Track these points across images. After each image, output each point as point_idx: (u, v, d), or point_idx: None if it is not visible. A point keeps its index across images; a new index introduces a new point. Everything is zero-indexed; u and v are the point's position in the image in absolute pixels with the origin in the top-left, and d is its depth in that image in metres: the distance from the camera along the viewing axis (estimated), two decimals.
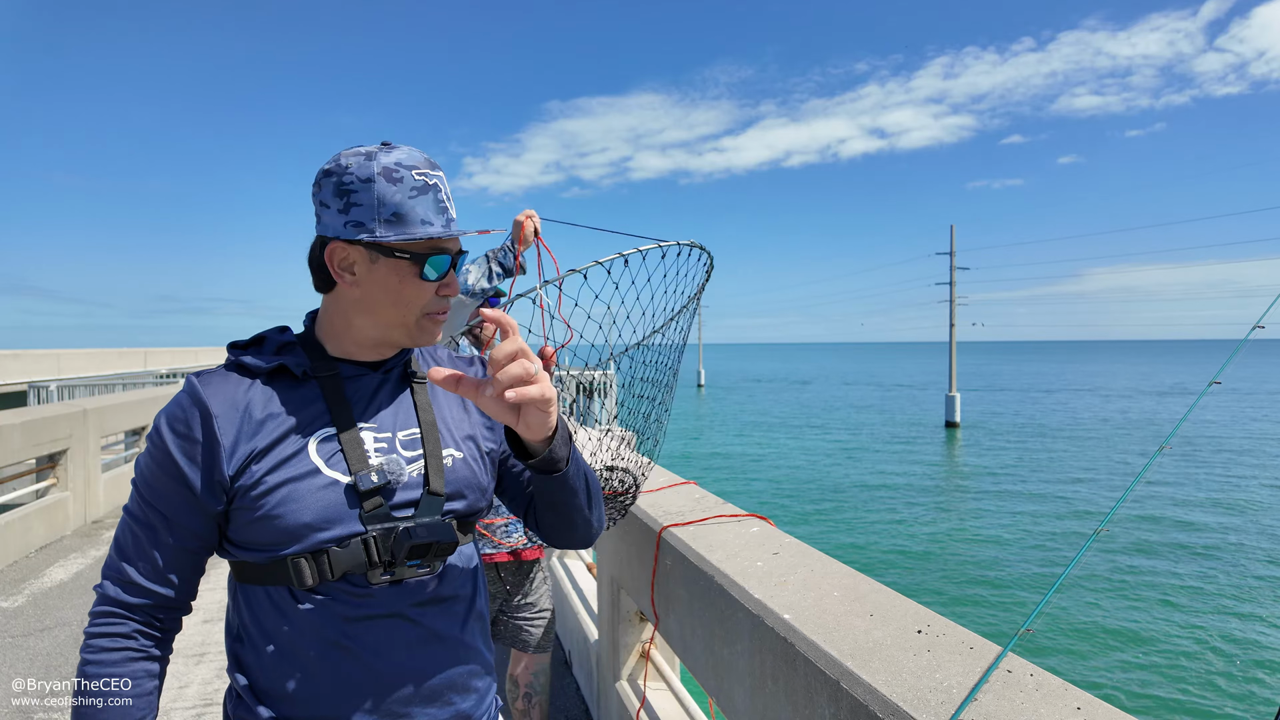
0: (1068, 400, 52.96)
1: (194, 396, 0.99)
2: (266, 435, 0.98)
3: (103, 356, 26.84)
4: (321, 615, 0.98)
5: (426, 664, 1.03)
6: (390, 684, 1.01)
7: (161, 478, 0.98)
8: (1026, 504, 19.70)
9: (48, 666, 3.66)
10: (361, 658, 0.99)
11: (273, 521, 0.96)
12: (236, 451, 0.97)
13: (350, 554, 0.98)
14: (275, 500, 0.96)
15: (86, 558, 5.58)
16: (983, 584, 13.38)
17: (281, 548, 0.97)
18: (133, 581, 0.99)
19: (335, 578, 0.98)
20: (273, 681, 1.00)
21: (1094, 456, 27.48)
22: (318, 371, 1.03)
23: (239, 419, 0.98)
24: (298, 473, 0.97)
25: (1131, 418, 40.77)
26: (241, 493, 0.97)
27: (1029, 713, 1.12)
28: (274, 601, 0.99)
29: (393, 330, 1.04)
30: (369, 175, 0.98)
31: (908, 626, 1.43)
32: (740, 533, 2.11)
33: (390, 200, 0.98)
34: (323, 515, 0.97)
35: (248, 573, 1.01)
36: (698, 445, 32.20)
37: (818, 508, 19.63)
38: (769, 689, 1.57)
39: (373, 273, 1.00)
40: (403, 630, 1.02)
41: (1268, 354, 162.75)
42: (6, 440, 5.60)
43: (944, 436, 34.09)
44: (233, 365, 1.03)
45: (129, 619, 0.99)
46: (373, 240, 0.98)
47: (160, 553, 0.99)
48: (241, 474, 0.97)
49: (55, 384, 11.59)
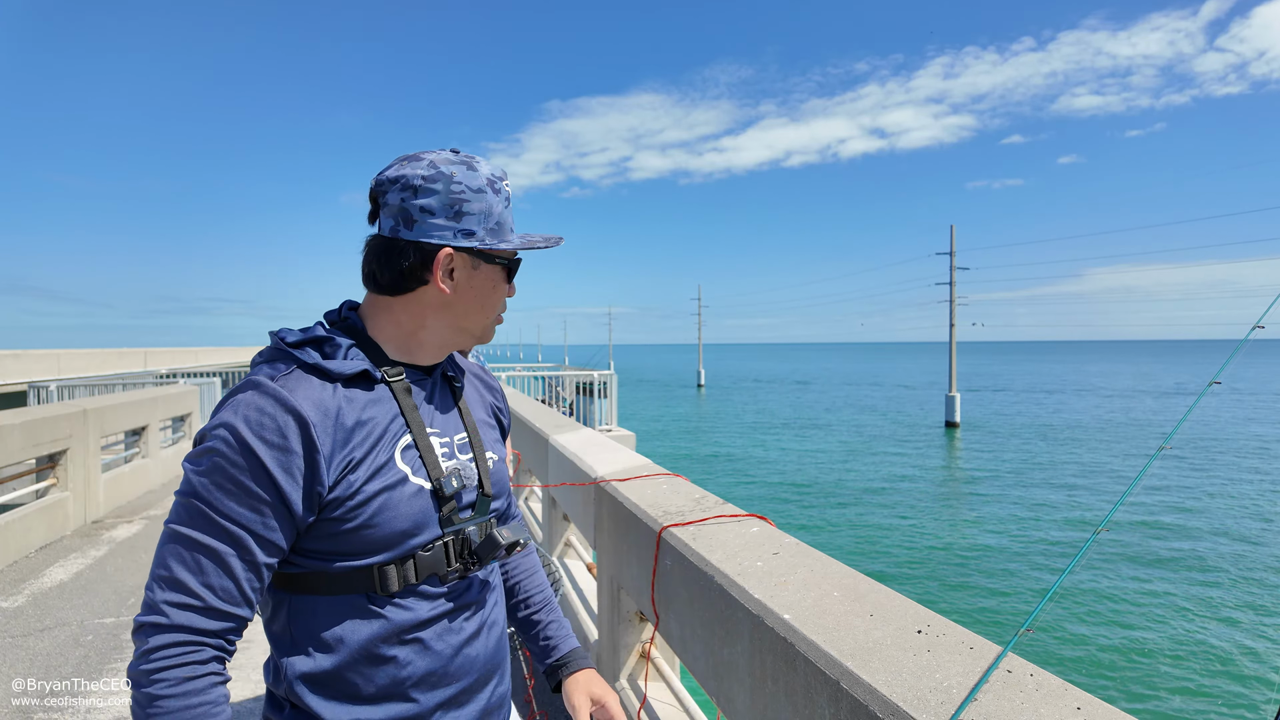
0: (1068, 400, 52.96)
1: (284, 403, 0.91)
2: (359, 444, 0.96)
3: (103, 356, 26.83)
4: (399, 616, 0.99)
5: (483, 650, 1.09)
6: (459, 673, 1.05)
7: (244, 491, 0.89)
8: (1026, 504, 19.69)
9: (48, 666, 3.66)
10: (436, 651, 1.02)
11: (367, 531, 0.95)
12: (333, 462, 0.93)
13: (433, 557, 1.01)
14: (372, 510, 0.95)
15: (86, 558, 5.58)
16: (983, 584, 13.38)
17: (370, 556, 0.96)
18: (211, 606, 0.89)
19: (419, 581, 1.00)
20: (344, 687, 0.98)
21: (1094, 457, 27.48)
22: (390, 376, 1.03)
23: (333, 427, 0.94)
24: (390, 481, 0.97)
25: (1132, 418, 40.77)
26: (336, 504, 0.94)
27: (1029, 713, 1.12)
28: (347, 609, 0.97)
29: (466, 333, 1.08)
30: (480, 185, 1.02)
31: (908, 626, 1.43)
32: (740, 533, 2.10)
33: (494, 211, 1.03)
34: (415, 522, 0.99)
35: (315, 583, 0.97)
36: (698, 445, 32.20)
37: (818, 508, 19.63)
38: (769, 689, 1.57)
39: (472, 278, 1.04)
40: (468, 621, 1.07)
41: (1268, 354, 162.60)
42: (6, 440, 5.60)
43: (944, 436, 34.09)
44: (310, 367, 0.97)
45: (205, 645, 0.90)
46: (484, 248, 1.03)
47: (239, 572, 0.90)
48: (338, 484, 0.94)
49: (55, 384, 11.58)
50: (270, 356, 0.99)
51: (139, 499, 7.73)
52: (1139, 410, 45.19)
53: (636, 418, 41.71)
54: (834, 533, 17.06)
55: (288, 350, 0.98)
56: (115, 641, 3.98)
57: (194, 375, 16.19)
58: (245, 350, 48.06)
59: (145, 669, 0.87)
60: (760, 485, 23.12)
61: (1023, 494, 21.00)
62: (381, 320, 1.05)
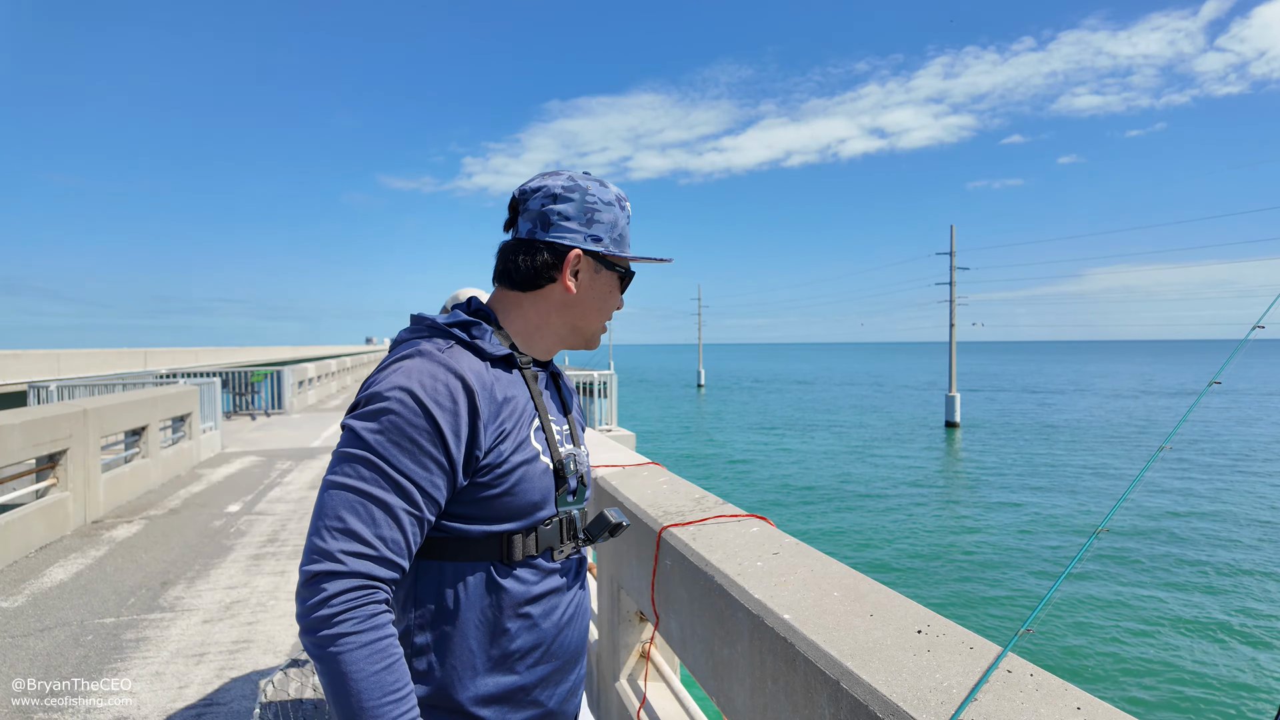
0: (1068, 400, 52.96)
1: (454, 371, 1.00)
2: (507, 418, 1.05)
3: (103, 356, 26.82)
4: (515, 588, 1.07)
5: (575, 631, 1.16)
6: (558, 652, 1.13)
7: (418, 448, 0.95)
8: (1027, 504, 19.70)
9: (48, 666, 3.66)
10: (542, 628, 1.10)
11: (507, 498, 1.04)
12: (489, 430, 1.02)
13: (551, 532, 1.10)
14: (514, 479, 1.04)
15: (86, 558, 5.58)
16: (983, 584, 13.38)
17: (504, 522, 1.05)
18: (383, 556, 0.93)
19: (538, 552, 1.09)
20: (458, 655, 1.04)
21: (1094, 456, 27.48)
22: (523, 364, 1.13)
23: (489, 398, 1.03)
24: (529, 456, 1.07)
25: (1132, 418, 40.77)
26: (487, 469, 1.02)
27: (1029, 713, 1.12)
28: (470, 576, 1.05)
29: (580, 333, 1.19)
30: (610, 200, 1.16)
31: (908, 626, 1.43)
32: (740, 533, 2.11)
33: (619, 224, 1.17)
34: (544, 496, 1.08)
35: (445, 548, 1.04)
36: (698, 445, 32.20)
37: (818, 508, 19.63)
38: (769, 689, 1.57)
39: (594, 281, 1.16)
40: (572, 601, 1.15)
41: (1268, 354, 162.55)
42: (6, 440, 5.60)
43: (944, 436, 34.09)
44: (467, 344, 1.07)
45: (380, 589, 0.93)
46: (607, 254, 1.16)
47: (406, 525, 0.96)
48: (491, 451, 1.02)
49: (55, 384, 11.58)
50: (425, 333, 1.09)
51: (139, 499, 7.73)
52: (1139, 410, 45.20)
53: (636, 418, 41.72)
54: (834, 533, 17.07)
55: (443, 329, 1.08)
56: (115, 641, 3.98)
57: (194, 375, 16.20)
58: (245, 350, 48.05)
59: (326, 614, 0.89)
60: (760, 485, 23.12)
61: (1023, 494, 21.00)
62: (511, 314, 1.16)
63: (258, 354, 48.38)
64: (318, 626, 0.89)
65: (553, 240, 1.12)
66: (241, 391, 17.76)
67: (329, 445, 11.81)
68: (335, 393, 25.26)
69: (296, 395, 19.02)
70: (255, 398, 17.96)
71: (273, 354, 50.58)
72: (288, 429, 14.24)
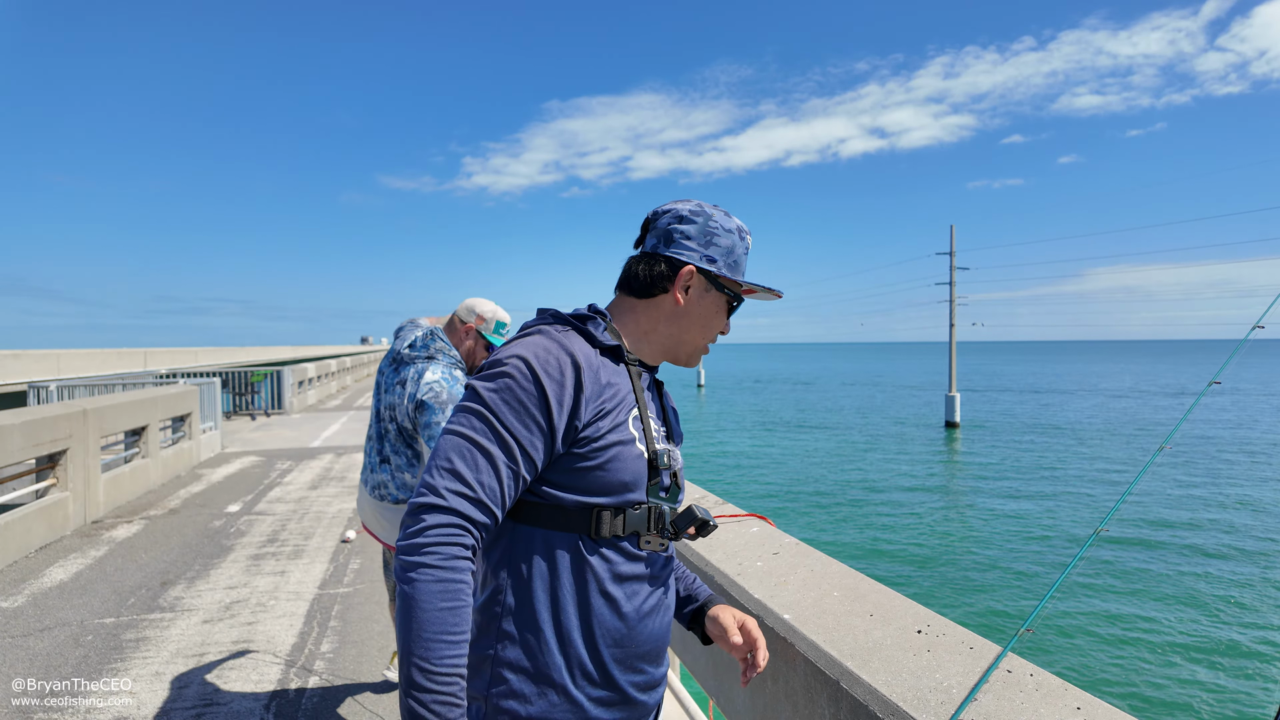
0: (1068, 400, 52.96)
1: (565, 348, 1.11)
2: (609, 399, 1.13)
3: (102, 356, 26.82)
4: (601, 566, 1.13)
5: (659, 625, 1.20)
6: (639, 639, 1.16)
7: (525, 410, 1.07)
8: (1026, 504, 19.70)
9: (48, 666, 3.66)
10: (625, 612, 1.14)
11: (600, 473, 1.11)
12: (590, 405, 1.10)
13: (640, 516, 1.15)
14: (608, 456, 1.11)
15: (86, 558, 5.58)
16: (983, 584, 13.38)
17: (597, 496, 1.12)
18: (479, 499, 1.04)
19: (625, 534, 1.14)
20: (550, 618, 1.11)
21: (1094, 456, 27.48)
22: (629, 359, 1.21)
23: (593, 377, 1.12)
24: (624, 438, 1.13)
25: (1132, 418, 40.77)
26: (585, 442, 1.10)
27: (1029, 713, 1.12)
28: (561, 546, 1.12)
29: (683, 346, 1.27)
30: (731, 229, 1.26)
31: (908, 626, 1.43)
32: (740, 533, 2.10)
33: (736, 252, 1.26)
34: (635, 478, 1.14)
35: (545, 515, 1.12)
36: (698, 445, 32.20)
37: (818, 508, 19.63)
38: (769, 689, 1.57)
39: (703, 298, 1.25)
40: (656, 592, 1.20)
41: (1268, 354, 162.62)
42: (6, 440, 5.60)
43: (944, 436, 34.09)
44: (580, 331, 1.18)
45: (470, 531, 1.03)
46: (718, 274, 1.24)
47: (504, 476, 1.06)
48: (589, 425, 1.10)
49: (55, 384, 11.58)
50: (549, 320, 1.21)
51: (139, 499, 7.73)
52: (1139, 410, 45.19)
53: None
54: (834, 533, 17.06)
55: (564, 317, 1.20)
56: (115, 641, 3.98)
57: (194, 375, 16.20)
58: (245, 350, 48.02)
59: (419, 542, 1.00)
60: (760, 485, 23.12)
61: (1023, 494, 21.00)
62: (625, 318, 1.26)
63: (258, 354, 48.36)
64: (409, 552, 1.00)
65: (671, 255, 1.24)
66: (241, 391, 17.76)
67: (329, 445, 11.81)
68: (335, 393, 25.25)
69: (296, 395, 19.01)
70: (255, 398, 17.96)
71: (273, 354, 50.56)
72: (288, 429, 14.24)
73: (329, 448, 11.51)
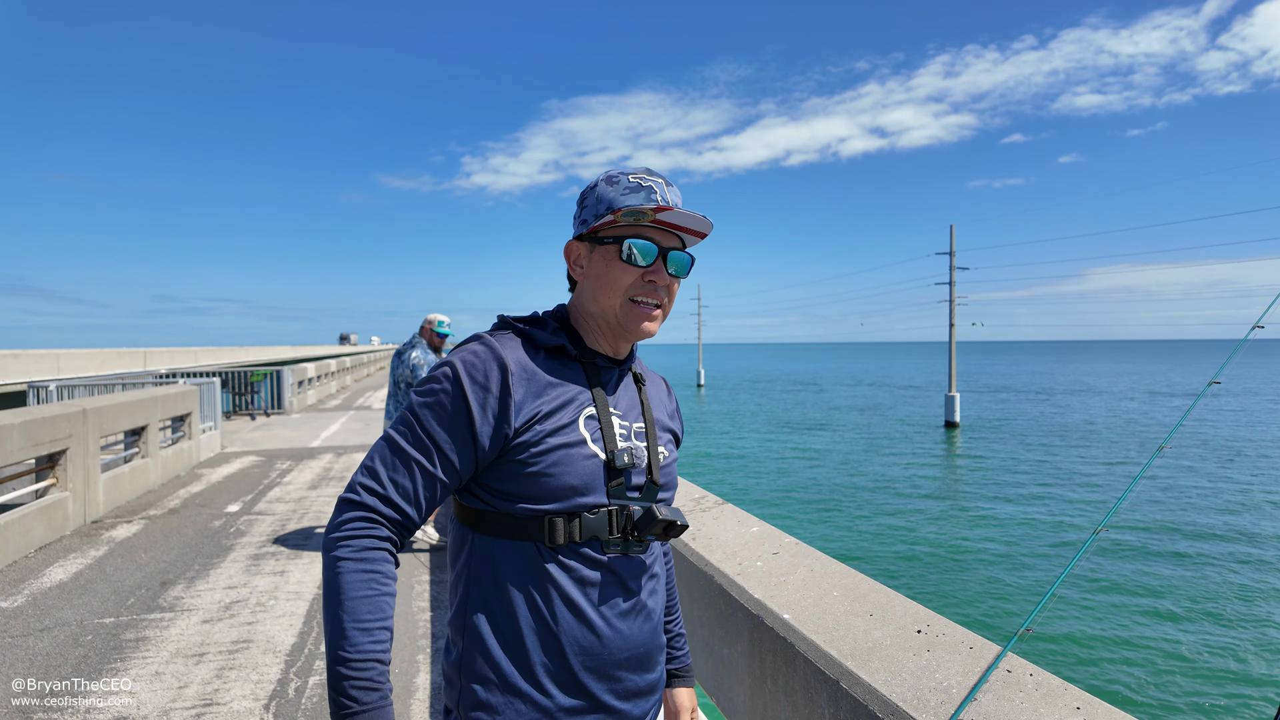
0: (1067, 400, 52.96)
1: (493, 352, 1.11)
2: (549, 401, 1.11)
3: (102, 356, 26.82)
4: (564, 572, 1.10)
5: (636, 633, 1.16)
6: (608, 645, 1.13)
7: (446, 415, 1.09)
8: (1026, 504, 19.70)
9: (47, 666, 3.66)
10: (591, 617, 1.11)
11: (543, 478, 1.09)
12: (524, 409, 1.09)
13: (597, 521, 1.11)
14: (550, 460, 1.09)
15: (86, 558, 5.58)
16: (983, 584, 13.38)
17: (543, 503, 1.10)
18: (388, 497, 1.08)
19: (582, 540, 1.11)
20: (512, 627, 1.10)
21: (1093, 457, 27.48)
22: (583, 356, 1.19)
23: (528, 381, 1.11)
24: (570, 440, 1.11)
25: (1132, 418, 40.77)
26: (521, 447, 1.09)
27: (1029, 713, 1.12)
28: (521, 554, 1.10)
29: (606, 315, 1.19)
30: (595, 182, 1.20)
31: (908, 626, 1.43)
32: (740, 533, 2.10)
33: (605, 197, 1.17)
34: (584, 482, 1.11)
35: (497, 524, 1.11)
36: (698, 445, 32.19)
37: (818, 507, 19.63)
38: (769, 689, 1.57)
39: (591, 263, 1.19)
40: (625, 598, 1.15)
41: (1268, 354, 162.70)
42: (6, 440, 5.59)
43: (944, 436, 34.09)
44: (520, 333, 1.17)
45: (385, 526, 1.08)
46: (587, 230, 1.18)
47: (419, 478, 1.09)
48: (525, 430, 1.09)
49: (55, 384, 11.57)
50: (496, 327, 1.21)
51: (139, 499, 7.73)
52: (1139, 410, 45.19)
53: None
54: (834, 533, 17.06)
55: (509, 322, 1.20)
56: (115, 641, 3.98)
57: (194, 375, 16.20)
58: (245, 350, 48.02)
59: (336, 536, 1.06)
60: (760, 485, 23.12)
61: (1022, 494, 21.00)
62: (575, 313, 1.24)
63: (258, 354, 48.35)
64: (328, 546, 1.06)
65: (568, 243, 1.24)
66: (241, 391, 17.75)
67: (329, 445, 11.81)
68: (335, 392, 25.24)
69: (296, 395, 19.01)
70: (255, 398, 17.95)
71: (273, 354, 50.54)
72: (287, 429, 14.23)
73: (329, 447, 11.51)
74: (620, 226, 1.16)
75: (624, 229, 1.16)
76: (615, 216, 1.15)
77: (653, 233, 1.17)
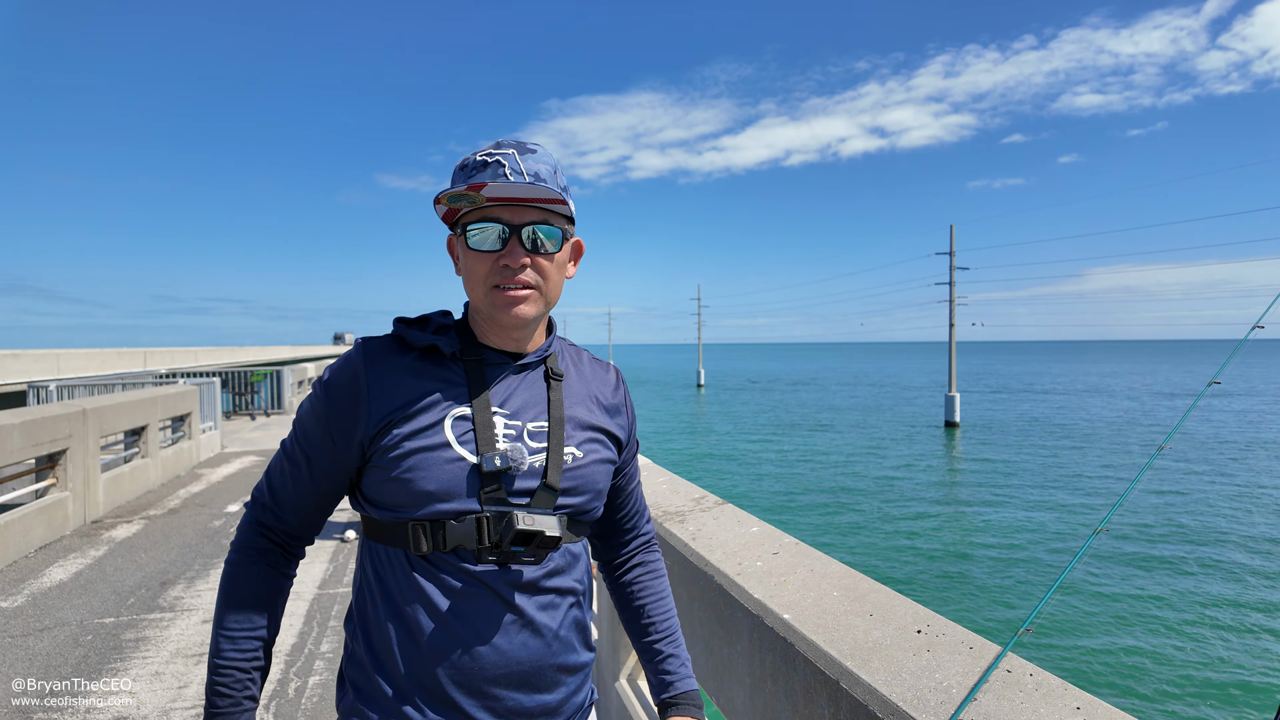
0: (1067, 400, 52.96)
1: (354, 360, 1.09)
2: (410, 405, 1.06)
3: (102, 356, 26.81)
4: (431, 582, 1.05)
5: (519, 649, 1.07)
6: (479, 660, 1.05)
7: (313, 423, 1.10)
8: (1026, 504, 19.70)
9: (47, 666, 3.66)
10: (458, 630, 1.04)
11: (401, 484, 1.04)
12: (377, 414, 1.06)
13: (464, 530, 1.04)
14: (406, 465, 1.04)
15: (86, 558, 5.58)
16: (983, 584, 13.38)
17: (406, 510, 1.05)
18: (266, 503, 1.13)
19: (446, 549, 1.04)
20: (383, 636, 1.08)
21: (1094, 456, 27.49)
22: (465, 355, 1.12)
23: (390, 385, 1.07)
24: (430, 444, 1.05)
25: (1132, 418, 40.78)
26: (380, 452, 1.06)
27: (1029, 713, 1.12)
28: (394, 562, 1.07)
29: (481, 308, 1.11)
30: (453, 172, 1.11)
31: (907, 626, 1.43)
32: (740, 533, 2.10)
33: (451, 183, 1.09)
34: (444, 488, 1.04)
35: (374, 530, 1.10)
36: (698, 445, 32.20)
37: (818, 507, 19.62)
38: (769, 689, 1.57)
39: (461, 253, 1.12)
40: (500, 612, 1.06)
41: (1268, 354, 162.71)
42: (6, 440, 5.59)
43: (943, 436, 34.09)
44: (396, 337, 1.13)
45: (267, 537, 1.13)
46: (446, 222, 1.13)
47: (298, 488, 1.12)
48: (382, 435, 1.06)
49: (55, 384, 11.57)
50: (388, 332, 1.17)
51: (139, 499, 7.73)
52: (1139, 410, 45.20)
53: (636, 418, 41.65)
54: (834, 533, 17.06)
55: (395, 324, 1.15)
56: (115, 641, 3.98)
57: (194, 375, 16.19)
58: (245, 350, 48.02)
59: (231, 542, 1.15)
60: (760, 485, 23.12)
61: (1022, 494, 21.01)
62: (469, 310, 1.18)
63: (257, 354, 48.35)
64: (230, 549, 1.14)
65: None
66: (241, 391, 17.76)
67: None
68: None
69: (296, 395, 19.01)
70: (255, 398, 17.96)
71: (272, 354, 50.55)
72: (287, 429, 14.24)
73: None
74: (468, 212, 1.07)
75: (470, 214, 1.07)
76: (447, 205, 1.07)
77: (500, 211, 1.06)
